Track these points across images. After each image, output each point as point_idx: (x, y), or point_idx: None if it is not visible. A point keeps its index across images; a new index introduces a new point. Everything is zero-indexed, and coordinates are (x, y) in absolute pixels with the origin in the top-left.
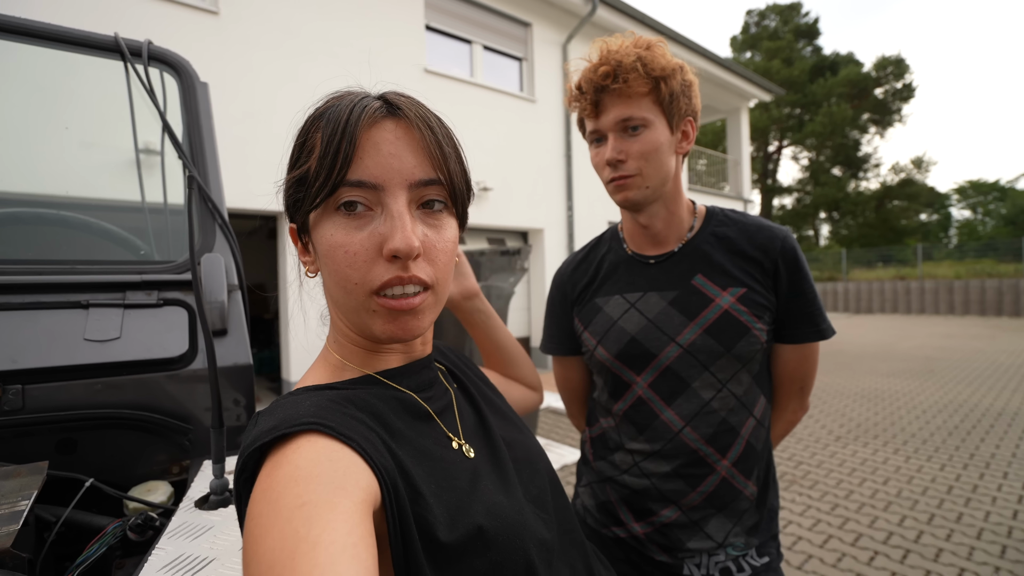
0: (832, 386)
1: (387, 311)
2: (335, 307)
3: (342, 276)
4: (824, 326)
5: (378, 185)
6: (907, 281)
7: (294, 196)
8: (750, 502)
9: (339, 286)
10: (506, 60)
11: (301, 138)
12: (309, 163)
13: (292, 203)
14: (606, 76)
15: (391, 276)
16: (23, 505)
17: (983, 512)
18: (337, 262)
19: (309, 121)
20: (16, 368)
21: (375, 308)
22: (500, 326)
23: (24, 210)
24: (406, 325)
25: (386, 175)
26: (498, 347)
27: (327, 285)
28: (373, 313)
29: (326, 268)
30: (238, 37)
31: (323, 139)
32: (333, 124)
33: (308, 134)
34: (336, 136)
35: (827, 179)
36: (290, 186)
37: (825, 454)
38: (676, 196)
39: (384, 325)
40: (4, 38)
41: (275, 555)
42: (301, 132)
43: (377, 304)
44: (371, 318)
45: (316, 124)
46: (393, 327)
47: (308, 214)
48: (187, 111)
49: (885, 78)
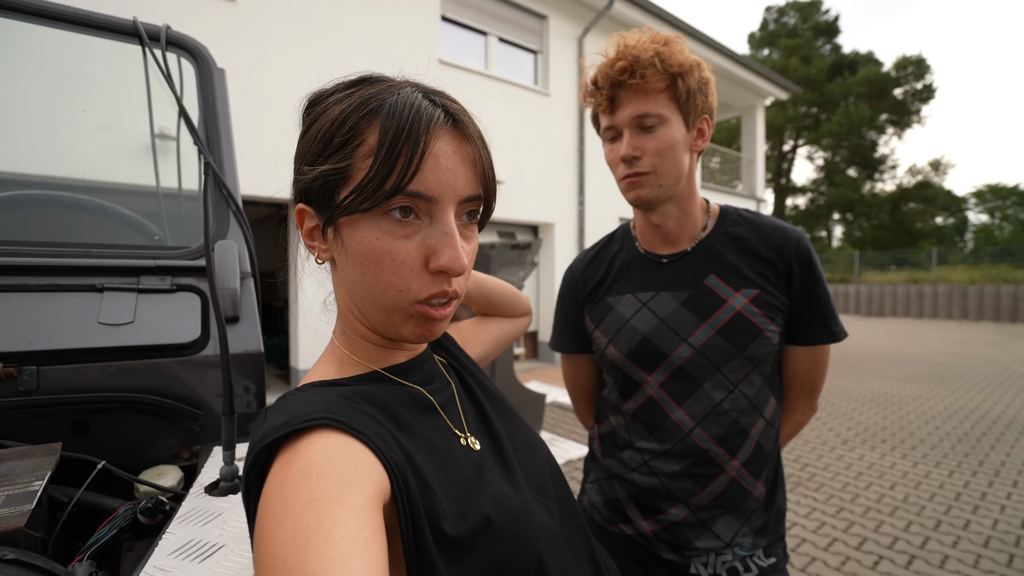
0: (841, 389)
1: (423, 317)
2: (355, 302)
3: (384, 282)
4: (837, 329)
5: (433, 198)
6: (920, 285)
7: (324, 186)
8: (758, 503)
9: (377, 289)
10: (521, 53)
11: (343, 128)
12: (354, 160)
13: (318, 192)
14: (623, 71)
15: (437, 291)
16: (37, 485)
17: (991, 520)
18: (381, 267)
19: (352, 110)
20: (32, 349)
21: (413, 314)
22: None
23: (41, 192)
24: (434, 329)
25: (442, 189)
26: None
27: (352, 280)
28: (409, 318)
29: (359, 268)
30: (253, 25)
31: (383, 140)
32: (397, 126)
33: (356, 126)
34: (400, 141)
35: (842, 180)
36: (321, 176)
37: (832, 457)
38: (690, 195)
39: (415, 328)
40: (25, 20)
41: (287, 549)
42: (340, 119)
43: (416, 310)
44: (404, 322)
45: (367, 118)
46: (423, 330)
47: (349, 213)
48: (203, 97)
49: (905, 78)
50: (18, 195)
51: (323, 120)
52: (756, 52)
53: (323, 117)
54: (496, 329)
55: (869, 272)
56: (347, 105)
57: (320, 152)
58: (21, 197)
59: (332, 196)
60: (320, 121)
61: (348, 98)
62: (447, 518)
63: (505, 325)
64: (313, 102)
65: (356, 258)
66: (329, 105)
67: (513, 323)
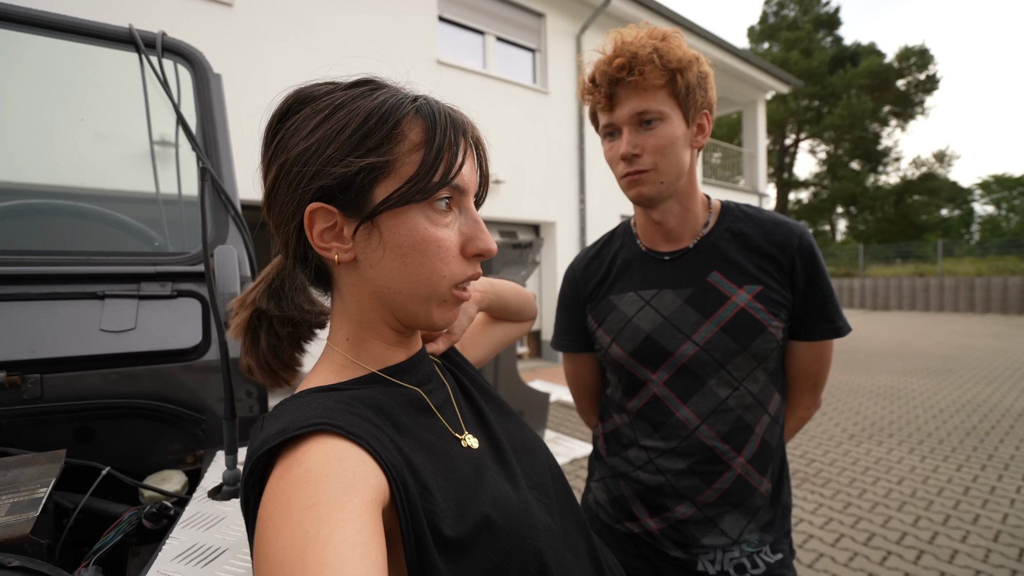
0: (847, 384)
1: (455, 301)
2: (385, 297)
3: (429, 269)
4: (840, 324)
5: (465, 190)
6: (926, 278)
7: (362, 180)
8: (765, 499)
9: (420, 278)
10: (519, 51)
11: (380, 125)
12: (397, 155)
13: (349, 187)
14: (621, 68)
15: (472, 273)
16: (42, 492)
17: (1000, 514)
18: (429, 255)
19: (387, 109)
20: (34, 357)
21: (447, 298)
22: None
23: (41, 201)
24: (458, 311)
25: (471, 183)
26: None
27: (387, 274)
28: (444, 303)
29: (402, 259)
30: (250, 29)
31: (432, 137)
32: (443, 126)
33: (397, 124)
34: (451, 139)
35: (845, 173)
36: (357, 170)
37: (838, 452)
38: (691, 191)
39: (445, 313)
40: (21, 30)
41: (286, 555)
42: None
43: (451, 295)
44: (438, 307)
45: (407, 117)
46: (451, 315)
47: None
48: (201, 102)
49: (908, 69)
50: (19, 205)
51: (346, 116)
52: (756, 46)
53: (343, 113)
54: (499, 333)
55: (874, 266)
56: (381, 102)
57: (355, 146)
58: (22, 207)
59: (370, 190)
60: (341, 116)
61: (372, 96)
62: (446, 519)
63: (510, 329)
64: (303, 99)
65: (401, 250)
66: (343, 102)
67: (518, 327)
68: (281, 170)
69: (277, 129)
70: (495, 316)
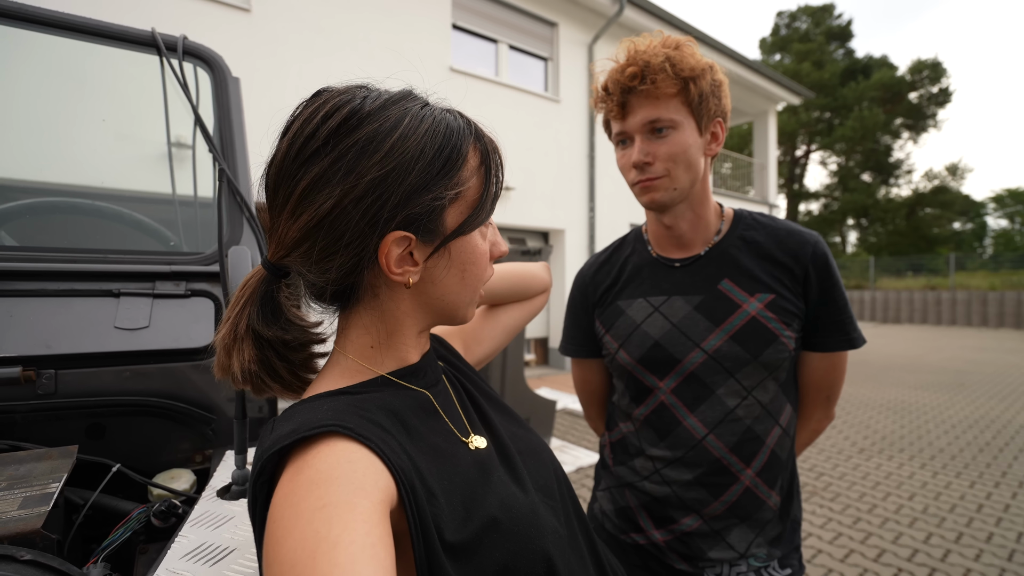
0: (857, 397)
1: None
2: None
3: (480, 277)
4: (855, 335)
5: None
6: (938, 291)
7: (437, 207)
8: (773, 512)
9: (472, 286)
10: (531, 60)
11: (448, 151)
12: (465, 183)
13: (431, 213)
14: (633, 77)
15: (491, 274)
16: (54, 487)
17: (1015, 533)
18: (480, 266)
19: (452, 132)
20: (50, 353)
21: (478, 299)
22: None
23: (60, 200)
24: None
25: None
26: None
27: (446, 288)
28: (475, 303)
29: (462, 273)
30: (268, 34)
31: (488, 162)
32: (491, 146)
33: (461, 148)
34: (499, 162)
35: (856, 185)
36: (445, 199)
37: (848, 466)
38: (703, 198)
39: (474, 311)
40: (47, 32)
41: (296, 555)
42: (443, 142)
43: (480, 296)
44: (471, 308)
45: (468, 140)
46: (475, 311)
47: (473, 228)
48: (219, 105)
49: (920, 82)
50: (39, 202)
51: (419, 143)
52: (768, 57)
53: (415, 139)
54: (505, 319)
55: (884, 278)
56: (445, 128)
57: (434, 175)
58: (42, 204)
59: (443, 217)
60: (415, 144)
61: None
62: (451, 523)
63: (517, 311)
64: (363, 118)
65: (463, 265)
66: (410, 124)
67: (526, 306)
68: (347, 196)
69: (325, 147)
70: (490, 304)
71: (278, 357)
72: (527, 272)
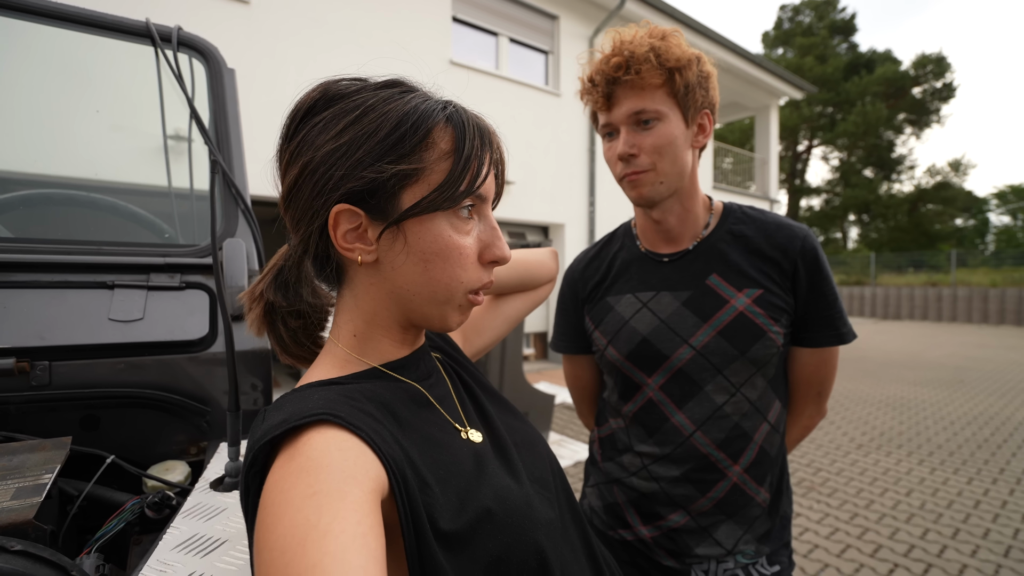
0: (855, 393)
1: (469, 306)
2: (402, 299)
3: (449, 275)
4: (844, 330)
5: (487, 199)
6: (939, 288)
7: (392, 185)
8: (762, 509)
9: (439, 282)
10: (532, 53)
11: (412, 132)
12: (427, 163)
13: (381, 190)
14: (618, 67)
15: (487, 280)
16: (47, 478)
17: (1012, 529)
18: (450, 261)
19: (418, 115)
20: (44, 345)
21: (462, 303)
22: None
23: (55, 191)
24: (469, 316)
25: (491, 192)
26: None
27: (407, 278)
28: (459, 307)
29: (423, 264)
30: (266, 26)
31: (461, 146)
32: (471, 136)
33: (428, 131)
34: (480, 149)
35: (858, 180)
36: (388, 175)
37: (846, 462)
38: (692, 192)
39: (460, 317)
40: (39, 22)
41: (286, 542)
42: (407, 123)
43: (466, 300)
44: (454, 311)
45: (438, 124)
46: (463, 318)
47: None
48: (214, 97)
49: (924, 77)
50: (34, 194)
51: (376, 120)
52: (770, 51)
53: (374, 116)
54: (508, 309)
55: (885, 274)
56: (411, 108)
57: (386, 152)
58: (37, 196)
59: (398, 196)
60: (371, 120)
61: (402, 101)
62: (445, 513)
63: (520, 301)
64: (332, 97)
65: (423, 255)
66: (372, 104)
67: (530, 296)
68: (306, 168)
69: (301, 124)
70: (495, 293)
71: (281, 321)
72: (533, 260)
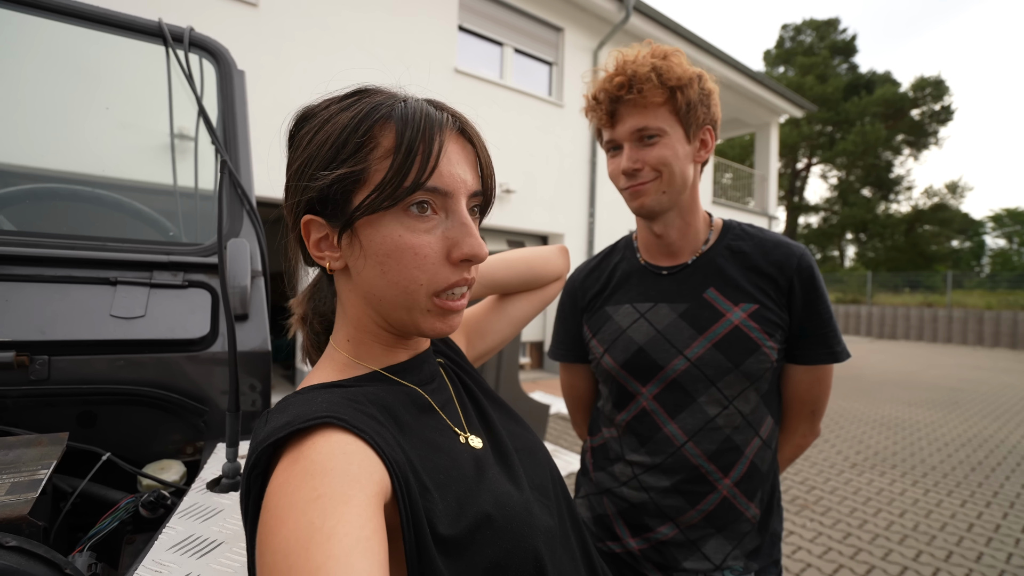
0: (850, 412)
1: (440, 310)
2: (369, 303)
3: (407, 276)
4: (838, 348)
5: (449, 192)
6: (934, 308)
7: (339, 192)
8: (752, 524)
9: (398, 285)
10: (536, 64)
11: (355, 135)
12: (369, 163)
13: (330, 198)
14: (621, 86)
15: (458, 279)
16: (42, 474)
17: (1005, 553)
18: (404, 262)
19: (361, 117)
20: (44, 339)
21: (430, 308)
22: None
23: (61, 186)
24: (452, 322)
25: (456, 184)
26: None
27: (369, 281)
28: (427, 312)
29: (382, 266)
30: (274, 29)
31: (401, 141)
32: (413, 128)
33: (368, 132)
34: (418, 141)
35: (856, 199)
36: (335, 182)
37: (839, 480)
38: (692, 207)
39: (435, 322)
40: (53, 18)
41: (290, 544)
42: (350, 127)
43: (433, 304)
44: (423, 316)
45: (380, 123)
46: (443, 324)
47: (370, 212)
48: (223, 98)
49: (923, 99)
50: (39, 188)
51: (329, 129)
52: (772, 69)
53: (328, 127)
54: (513, 310)
55: (881, 294)
56: (356, 112)
57: (332, 159)
58: (42, 190)
59: (348, 200)
60: (325, 131)
61: (353, 107)
62: (444, 518)
63: (525, 302)
64: (305, 117)
65: (377, 257)
66: (330, 116)
67: (536, 296)
68: (286, 186)
69: (288, 149)
70: (497, 293)
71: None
72: (538, 257)
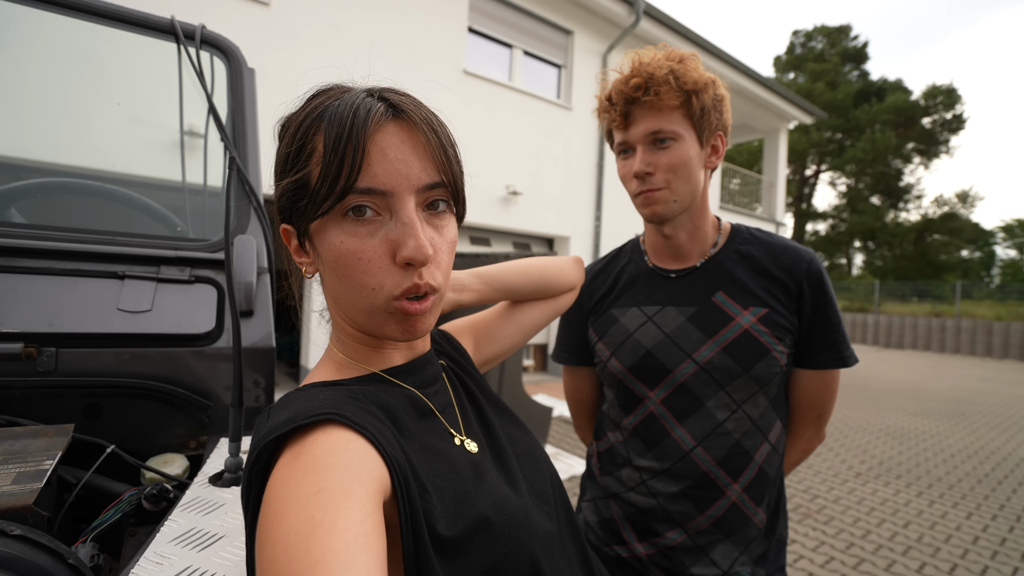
0: (855, 420)
1: (402, 314)
2: (339, 308)
3: (357, 283)
4: (847, 354)
5: (387, 192)
6: (943, 318)
7: (291, 200)
8: (759, 530)
9: (353, 291)
10: (545, 66)
11: (298, 141)
12: (309, 168)
13: (289, 207)
14: (637, 88)
15: (409, 285)
16: (48, 464)
17: (1011, 567)
18: (350, 269)
19: (304, 122)
20: (52, 331)
21: (392, 311)
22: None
23: (71, 180)
24: (415, 326)
25: (394, 181)
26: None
27: (332, 287)
28: (389, 316)
29: (334, 273)
30: (285, 28)
31: (327, 144)
32: (337, 128)
33: (306, 137)
34: (342, 142)
35: (865, 207)
36: (287, 191)
37: (843, 490)
38: (702, 211)
39: (398, 327)
40: (67, 15)
41: (289, 538)
42: (295, 134)
43: (394, 307)
44: (386, 321)
45: (315, 126)
46: (405, 328)
47: (311, 221)
48: (233, 95)
49: (934, 107)
50: (50, 182)
51: (286, 137)
52: (782, 75)
53: (286, 135)
54: (524, 318)
55: (889, 303)
56: (302, 117)
57: (283, 168)
58: (53, 184)
59: (297, 207)
60: (284, 139)
61: (302, 112)
62: (443, 519)
63: (537, 310)
64: (283, 125)
65: (330, 264)
66: (288, 123)
67: (549, 304)
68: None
69: None
70: (509, 300)
71: None
72: (552, 267)
